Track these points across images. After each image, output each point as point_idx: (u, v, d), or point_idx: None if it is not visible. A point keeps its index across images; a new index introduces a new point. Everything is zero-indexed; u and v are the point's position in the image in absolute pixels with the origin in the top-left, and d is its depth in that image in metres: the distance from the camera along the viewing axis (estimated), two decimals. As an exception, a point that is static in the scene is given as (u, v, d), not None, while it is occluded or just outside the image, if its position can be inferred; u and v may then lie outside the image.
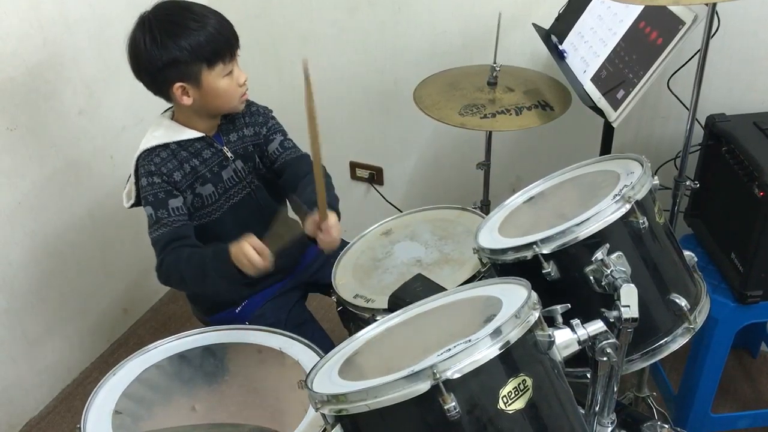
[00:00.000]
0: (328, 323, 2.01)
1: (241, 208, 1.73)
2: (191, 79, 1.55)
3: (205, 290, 1.71)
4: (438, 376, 0.95)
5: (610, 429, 1.30)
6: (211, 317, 1.82)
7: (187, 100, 1.58)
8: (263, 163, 1.78)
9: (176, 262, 1.55)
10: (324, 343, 1.77)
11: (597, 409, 1.26)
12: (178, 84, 1.56)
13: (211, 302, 1.81)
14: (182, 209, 1.62)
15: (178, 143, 1.64)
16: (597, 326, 1.12)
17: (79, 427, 1.32)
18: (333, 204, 1.63)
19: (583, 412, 1.26)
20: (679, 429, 1.41)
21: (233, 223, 1.72)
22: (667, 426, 1.38)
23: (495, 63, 1.97)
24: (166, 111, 1.72)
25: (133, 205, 1.69)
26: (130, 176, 1.69)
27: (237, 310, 1.79)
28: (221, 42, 1.55)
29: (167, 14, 1.54)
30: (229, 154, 1.70)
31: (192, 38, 1.52)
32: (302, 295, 1.89)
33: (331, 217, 1.50)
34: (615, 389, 1.24)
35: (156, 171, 1.61)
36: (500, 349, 0.99)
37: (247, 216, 1.74)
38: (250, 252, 1.42)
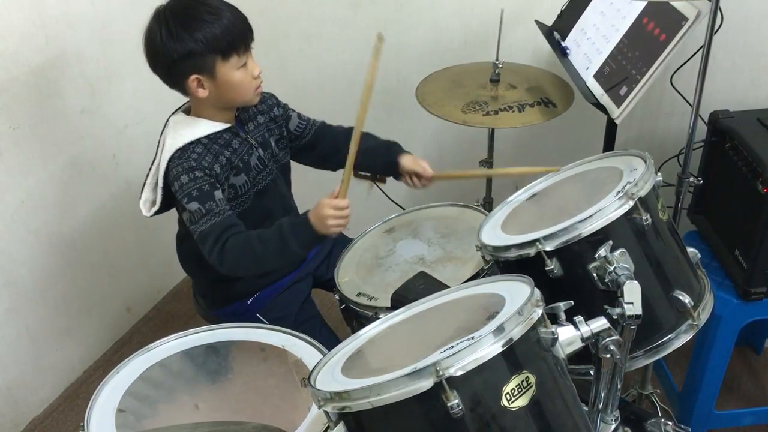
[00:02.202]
0: (332, 321, 2.00)
1: (265, 195, 1.74)
2: (206, 71, 1.57)
3: (275, 266, 1.70)
4: (441, 373, 0.95)
5: (613, 426, 1.30)
6: (221, 310, 1.82)
7: (202, 93, 1.59)
8: (286, 141, 1.81)
9: (246, 243, 1.56)
10: (330, 339, 1.78)
11: (600, 406, 1.26)
12: (193, 76, 1.57)
13: (222, 295, 1.80)
14: (225, 201, 1.62)
15: (208, 137, 1.64)
16: (600, 323, 1.12)
17: (83, 426, 1.32)
18: (397, 148, 1.84)
19: (587, 409, 1.26)
20: (683, 426, 1.40)
21: (258, 210, 1.72)
22: (671, 423, 1.38)
23: (497, 60, 1.96)
24: (177, 110, 1.72)
25: (156, 213, 1.67)
26: (144, 185, 1.67)
27: (249, 302, 1.79)
28: (236, 34, 1.56)
29: (183, 7, 1.55)
30: (253, 142, 1.72)
31: (207, 30, 1.53)
32: (309, 289, 1.89)
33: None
34: (618, 386, 1.24)
35: (197, 166, 1.59)
36: (503, 346, 0.99)
37: (270, 203, 1.75)
38: (332, 201, 1.52)
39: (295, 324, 1.76)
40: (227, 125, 1.67)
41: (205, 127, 1.64)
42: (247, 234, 1.59)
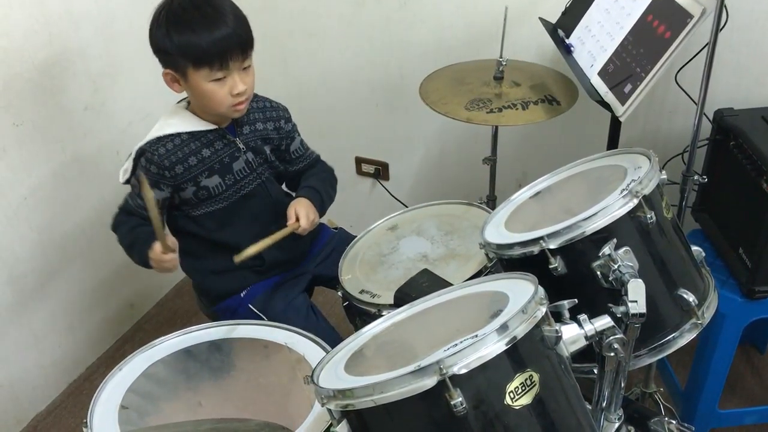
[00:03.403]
0: (334, 318, 2.01)
1: (253, 199, 1.76)
2: (179, 72, 1.60)
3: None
4: (444, 371, 0.95)
5: (617, 425, 1.29)
6: (217, 306, 1.83)
7: (177, 88, 1.63)
8: (278, 157, 1.82)
9: (124, 223, 1.71)
10: (329, 335, 1.78)
11: (604, 404, 1.25)
12: (167, 71, 1.61)
13: (216, 292, 1.83)
14: (165, 202, 1.69)
15: (191, 133, 1.67)
16: (604, 321, 1.12)
17: (86, 422, 1.32)
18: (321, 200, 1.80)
19: (590, 407, 1.25)
20: (686, 425, 1.40)
21: (245, 212, 1.75)
22: (674, 422, 1.38)
23: (501, 57, 1.96)
24: (182, 100, 1.75)
25: (126, 181, 1.73)
26: (131, 154, 1.71)
27: (242, 294, 1.80)
28: (214, 52, 1.55)
29: (185, 7, 1.56)
30: (241, 146, 1.72)
31: (187, 37, 1.54)
32: (307, 286, 1.89)
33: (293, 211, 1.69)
34: (622, 385, 1.23)
35: (157, 161, 1.64)
36: (507, 344, 0.98)
37: (258, 206, 1.77)
38: (156, 252, 1.58)
39: (284, 316, 1.76)
40: (213, 126, 1.69)
41: (190, 123, 1.68)
42: (129, 219, 1.70)
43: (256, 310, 1.78)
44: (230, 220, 1.74)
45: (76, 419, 2.24)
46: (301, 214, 1.69)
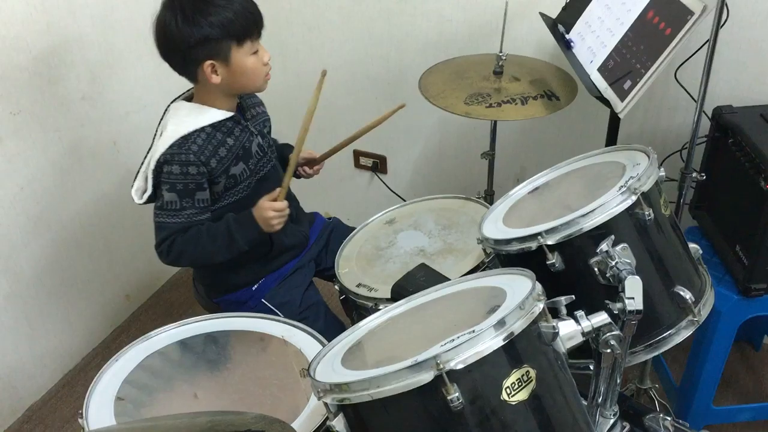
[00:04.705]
0: (332, 311, 2.00)
1: (265, 182, 1.76)
2: (221, 57, 1.58)
3: (221, 260, 1.69)
4: (441, 366, 0.95)
5: (612, 420, 1.30)
6: (225, 297, 1.82)
7: (215, 79, 1.60)
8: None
9: (196, 239, 1.63)
10: (334, 325, 1.80)
11: (600, 400, 1.26)
12: (208, 62, 1.58)
13: (226, 283, 1.81)
14: (207, 201, 1.65)
15: (212, 125, 1.65)
16: (601, 318, 1.12)
17: (81, 413, 1.32)
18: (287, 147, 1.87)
19: (586, 403, 1.26)
20: (680, 421, 1.40)
21: (258, 197, 1.72)
22: (669, 418, 1.38)
23: (501, 52, 1.95)
24: (178, 98, 1.71)
25: (148, 200, 1.67)
26: (138, 172, 1.67)
27: (254, 288, 1.80)
28: (249, 19, 1.58)
29: None
30: (252, 129, 1.73)
31: (222, 15, 1.54)
32: (312, 275, 1.90)
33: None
34: (618, 381, 1.24)
35: (194, 161, 1.60)
36: (504, 340, 0.99)
37: (269, 190, 1.74)
38: (272, 204, 1.63)
39: (300, 308, 1.77)
40: (230, 113, 1.67)
41: (209, 115, 1.64)
42: (198, 229, 1.63)
43: (271, 306, 1.77)
44: (247, 207, 1.69)
45: (71, 409, 2.24)
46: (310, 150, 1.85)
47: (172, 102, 1.71)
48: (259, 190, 1.73)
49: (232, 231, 1.64)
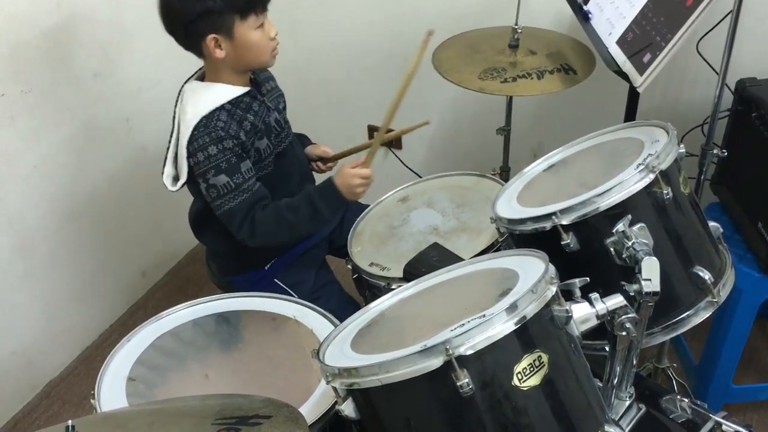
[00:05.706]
0: (344, 290, 1.99)
1: (284, 158, 1.74)
2: (224, 30, 1.55)
3: (306, 233, 1.72)
4: (451, 352, 0.94)
5: (628, 402, 1.28)
6: (238, 277, 1.80)
7: (219, 53, 1.57)
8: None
9: (277, 214, 1.61)
10: (348, 304, 1.79)
11: (615, 382, 1.24)
12: (211, 36, 1.55)
13: (239, 262, 1.79)
14: (252, 170, 1.62)
15: (231, 102, 1.61)
16: (616, 300, 1.09)
17: (93, 393, 1.33)
18: (305, 140, 1.90)
19: (601, 385, 1.24)
20: (699, 402, 1.37)
21: (277, 173, 1.71)
22: (686, 400, 1.36)
23: (517, 24, 1.91)
24: (190, 78, 1.69)
25: (183, 185, 1.64)
26: (166, 158, 1.65)
27: (267, 267, 1.78)
28: None
29: None
30: (269, 104, 1.70)
31: None
32: (325, 254, 1.89)
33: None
34: (634, 363, 1.22)
35: (225, 135, 1.57)
36: (516, 324, 0.97)
37: (288, 166, 1.74)
38: (359, 171, 1.61)
39: (314, 288, 1.76)
40: (246, 89, 1.64)
41: (226, 92, 1.62)
42: (275, 205, 1.61)
43: (284, 286, 1.75)
44: (266, 183, 1.66)
45: (89, 385, 2.25)
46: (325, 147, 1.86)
47: (185, 83, 1.69)
48: (278, 166, 1.71)
49: (315, 201, 1.61)
